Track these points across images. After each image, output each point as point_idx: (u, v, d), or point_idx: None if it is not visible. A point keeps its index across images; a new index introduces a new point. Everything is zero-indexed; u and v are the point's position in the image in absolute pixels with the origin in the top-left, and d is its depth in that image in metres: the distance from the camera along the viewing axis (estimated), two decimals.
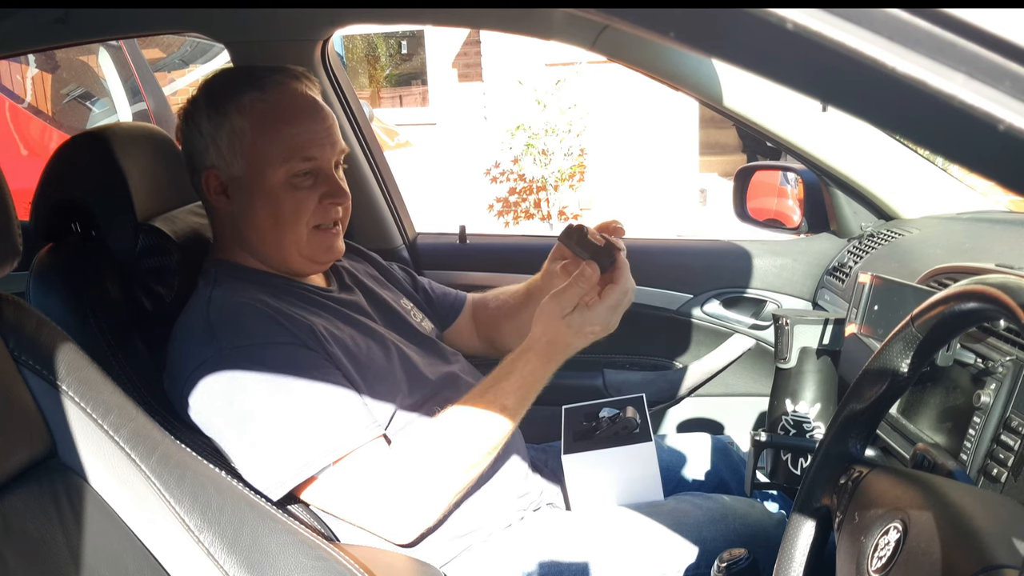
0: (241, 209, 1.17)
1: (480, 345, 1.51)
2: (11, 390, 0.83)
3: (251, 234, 1.18)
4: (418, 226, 2.02)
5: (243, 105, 1.14)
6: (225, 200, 1.17)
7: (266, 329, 1.07)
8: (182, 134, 1.20)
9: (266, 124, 1.14)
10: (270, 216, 1.16)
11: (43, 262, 1.15)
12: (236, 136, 1.14)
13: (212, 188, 1.17)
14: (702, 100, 1.60)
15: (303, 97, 1.17)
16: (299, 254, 1.18)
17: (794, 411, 1.29)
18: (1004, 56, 0.38)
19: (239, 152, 1.14)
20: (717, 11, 0.41)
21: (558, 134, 6.56)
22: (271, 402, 1.03)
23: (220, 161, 1.15)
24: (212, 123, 1.15)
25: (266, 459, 1.03)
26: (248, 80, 1.16)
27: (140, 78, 4.14)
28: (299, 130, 1.14)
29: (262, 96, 1.14)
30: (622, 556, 1.15)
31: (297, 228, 1.16)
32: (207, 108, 1.16)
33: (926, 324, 0.70)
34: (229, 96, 1.15)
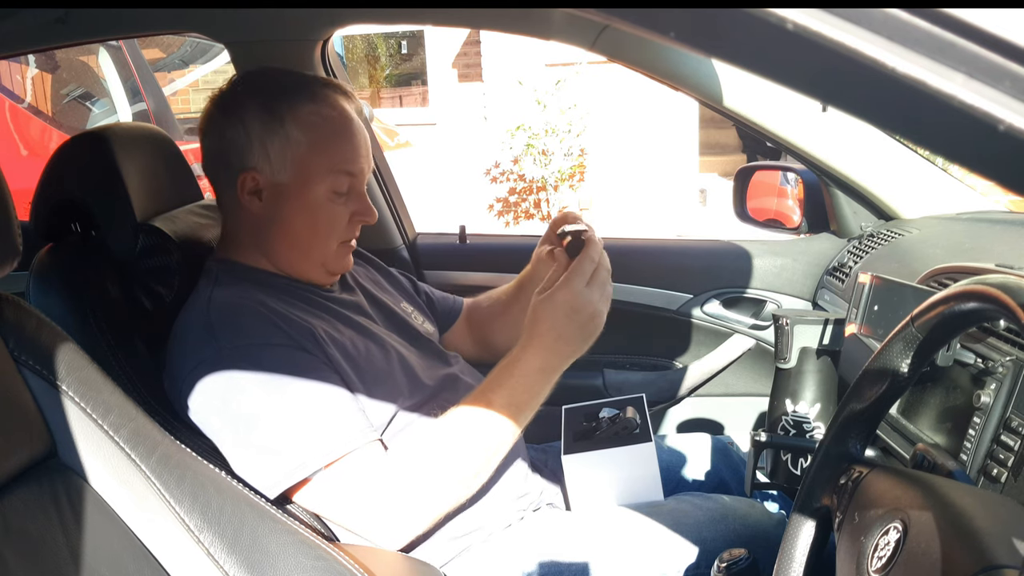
0: (274, 215, 1.17)
1: (474, 348, 1.51)
2: (11, 390, 0.83)
3: (279, 240, 1.18)
4: (418, 226, 2.02)
5: (300, 116, 1.15)
6: (258, 203, 1.16)
7: (265, 330, 1.07)
8: (216, 127, 1.18)
9: (320, 138, 1.15)
10: (307, 227, 1.17)
11: (43, 262, 1.15)
12: (289, 145, 1.14)
13: (246, 189, 1.16)
14: (702, 100, 1.60)
15: (350, 115, 1.19)
16: (321, 265, 1.21)
17: (794, 411, 1.29)
18: (1004, 56, 0.38)
19: (289, 161, 1.15)
20: (717, 11, 0.41)
21: (558, 134, 6.56)
22: (267, 403, 1.03)
23: (265, 165, 1.15)
24: (264, 127, 1.14)
25: (260, 460, 1.03)
26: (304, 90, 1.17)
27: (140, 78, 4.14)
28: (347, 147, 1.17)
29: (317, 109, 1.16)
30: (622, 556, 1.15)
31: (329, 241, 1.19)
32: (260, 111, 1.15)
33: (926, 324, 0.70)
34: (285, 104, 1.15)
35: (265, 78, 1.22)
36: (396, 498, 1.05)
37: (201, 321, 1.09)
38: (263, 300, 1.11)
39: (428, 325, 1.39)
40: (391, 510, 1.05)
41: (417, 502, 1.06)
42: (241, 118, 1.15)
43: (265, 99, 1.16)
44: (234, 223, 1.22)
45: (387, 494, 1.05)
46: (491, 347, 1.50)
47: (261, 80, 1.21)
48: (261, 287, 1.15)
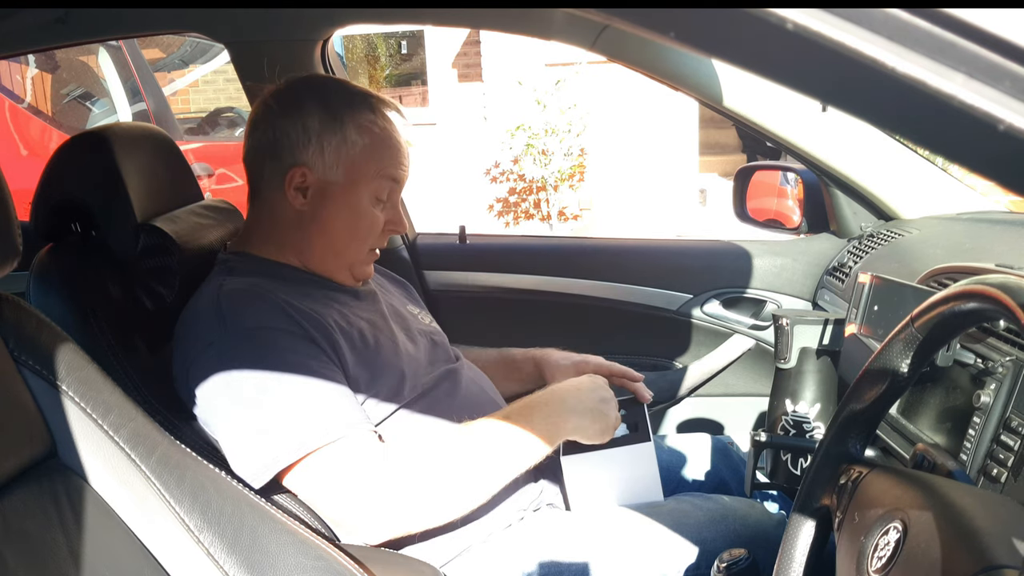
0: (316, 212, 1.19)
1: None
2: (11, 390, 0.83)
3: (316, 237, 1.21)
4: (418, 226, 2.02)
5: (361, 123, 1.19)
6: (301, 199, 1.19)
7: (274, 316, 1.09)
8: (272, 120, 1.20)
9: (374, 144, 1.20)
10: (347, 227, 1.20)
11: (43, 262, 1.15)
12: (347, 146, 1.18)
13: (294, 183, 1.18)
14: (702, 100, 1.60)
15: (402, 139, 1.25)
16: (349, 268, 1.23)
17: (794, 411, 1.29)
18: (1004, 56, 0.38)
19: (344, 161, 1.18)
20: (717, 11, 0.41)
21: (558, 134, 6.56)
22: (265, 387, 1.05)
23: (318, 162, 1.18)
24: (324, 126, 1.18)
25: (254, 441, 1.04)
26: (365, 99, 1.22)
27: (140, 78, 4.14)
28: (396, 158, 1.23)
29: (376, 119, 1.21)
30: (622, 556, 1.15)
31: (363, 245, 1.23)
32: (321, 111, 1.18)
33: (926, 324, 0.70)
34: (347, 108, 1.19)
35: (328, 83, 1.30)
36: (383, 492, 1.06)
37: (211, 306, 1.11)
38: (275, 289, 1.13)
39: (434, 324, 1.40)
40: (376, 503, 1.06)
41: (406, 501, 1.06)
42: (300, 113, 1.18)
43: (327, 101, 1.20)
44: (268, 217, 1.23)
45: (375, 487, 1.05)
46: None
47: (322, 84, 1.28)
48: (275, 279, 1.17)
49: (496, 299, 1.88)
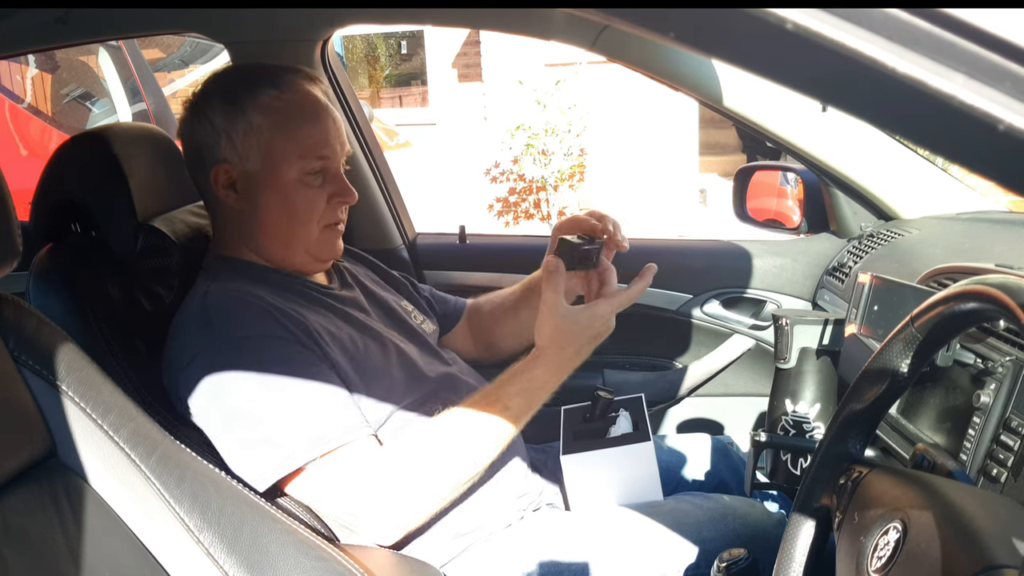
0: (251, 205, 1.17)
1: (476, 350, 1.51)
2: (11, 390, 0.83)
3: (259, 230, 1.18)
4: (418, 226, 2.02)
5: (261, 102, 1.14)
6: (234, 196, 1.17)
7: (262, 323, 1.07)
8: (188, 127, 1.19)
9: (283, 122, 1.15)
10: (283, 213, 1.17)
11: (43, 262, 1.15)
12: (253, 132, 1.14)
13: (221, 183, 1.16)
14: (702, 100, 1.60)
15: (316, 98, 1.18)
16: (306, 252, 1.20)
17: (794, 411, 1.29)
18: (1004, 56, 0.38)
19: (255, 147, 1.14)
20: (717, 11, 0.41)
21: (558, 134, 6.56)
22: (261, 395, 1.04)
23: (233, 156, 1.15)
24: (227, 118, 1.14)
25: (252, 451, 1.04)
26: (265, 77, 1.16)
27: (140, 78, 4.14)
28: (314, 129, 1.16)
29: (279, 94, 1.15)
30: (622, 556, 1.15)
31: (308, 226, 1.18)
32: (222, 103, 1.15)
33: (926, 324, 0.70)
34: (246, 92, 1.15)
35: (231, 72, 1.24)
36: (388, 492, 1.05)
37: (198, 314, 1.09)
38: (260, 294, 1.11)
39: (428, 324, 1.39)
40: (382, 504, 1.05)
41: (409, 497, 1.06)
42: (206, 113, 1.16)
43: (227, 90, 1.17)
44: (220, 221, 1.23)
45: (379, 488, 1.05)
46: (494, 349, 1.51)
47: (226, 75, 1.23)
48: (258, 282, 1.15)
49: None
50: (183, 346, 1.08)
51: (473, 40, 6.99)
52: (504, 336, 1.48)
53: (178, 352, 1.09)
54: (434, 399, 1.19)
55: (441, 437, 1.09)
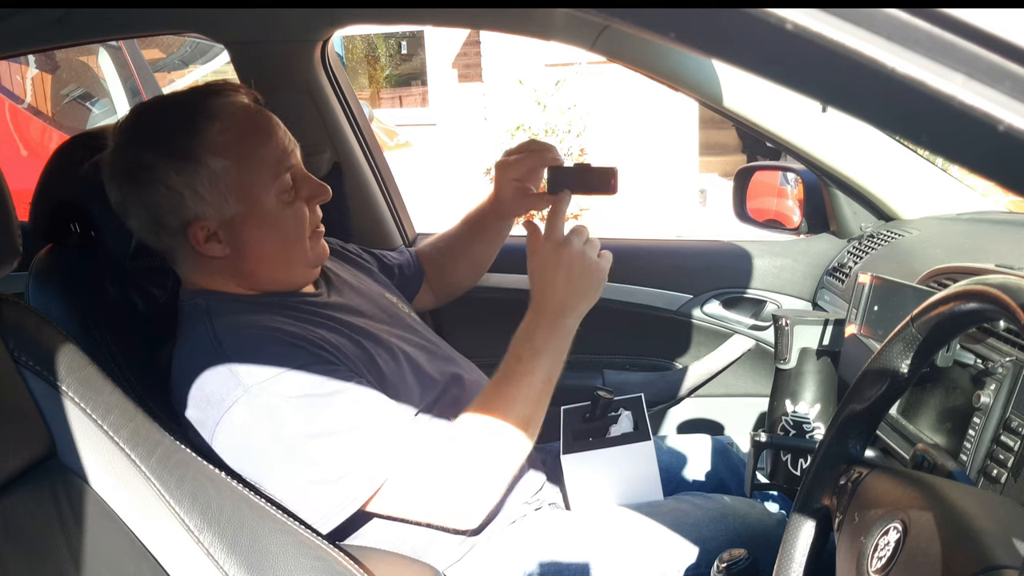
0: (241, 248, 1.10)
1: (436, 298, 1.55)
2: (11, 391, 0.83)
3: (255, 266, 1.12)
4: (418, 226, 2.02)
5: (210, 143, 1.05)
6: (219, 246, 1.09)
7: (285, 354, 1.03)
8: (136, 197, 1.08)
9: (243, 153, 1.07)
10: (277, 241, 1.12)
11: (42, 262, 1.15)
12: (218, 177, 1.05)
13: (201, 239, 1.08)
14: (702, 100, 1.60)
15: (254, 111, 1.11)
16: (305, 264, 1.17)
17: (794, 412, 1.29)
18: (1004, 57, 0.38)
19: (227, 192, 1.06)
20: (717, 11, 0.41)
21: (558, 134, 6.56)
22: (320, 426, 1.01)
23: (206, 209, 1.06)
24: (183, 174, 1.05)
25: (329, 482, 1.01)
26: (196, 113, 1.06)
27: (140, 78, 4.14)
28: (272, 143, 1.09)
29: (222, 125, 1.06)
30: (622, 556, 1.15)
31: (303, 241, 1.14)
32: (169, 161, 1.05)
33: (926, 324, 0.70)
34: (190, 138, 1.05)
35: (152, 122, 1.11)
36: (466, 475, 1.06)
37: (217, 363, 1.02)
38: (268, 324, 1.07)
39: (414, 315, 1.38)
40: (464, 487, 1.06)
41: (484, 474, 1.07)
42: (154, 177, 1.05)
43: (167, 146, 1.06)
44: (200, 269, 1.14)
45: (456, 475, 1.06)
46: (451, 290, 1.55)
47: (149, 126, 1.10)
48: (258, 311, 1.10)
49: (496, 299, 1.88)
50: (212, 397, 1.01)
51: (473, 40, 7.00)
52: (461, 274, 1.52)
53: (206, 407, 1.02)
54: (446, 398, 1.19)
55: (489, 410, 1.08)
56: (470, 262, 1.51)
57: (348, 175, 1.79)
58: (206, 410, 1.02)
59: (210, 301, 1.11)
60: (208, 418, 1.02)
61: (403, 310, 1.35)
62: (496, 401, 1.09)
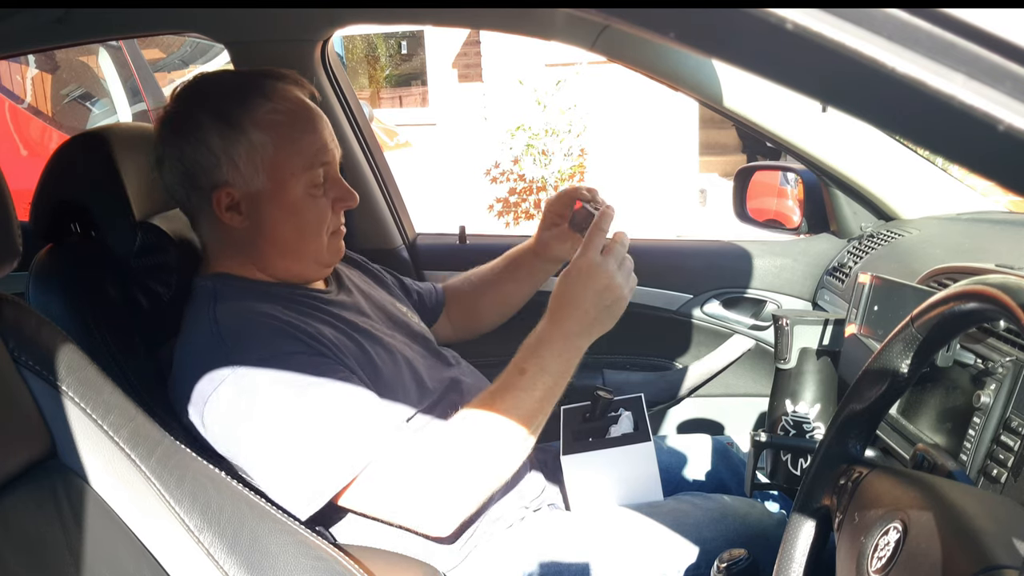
0: (258, 224, 1.13)
1: (455, 333, 1.53)
2: (11, 391, 0.83)
3: (269, 248, 1.15)
4: (418, 226, 2.02)
5: (258, 118, 1.10)
6: (238, 217, 1.13)
7: (279, 341, 1.05)
8: (174, 151, 1.13)
9: (284, 135, 1.11)
10: (294, 228, 1.14)
11: (43, 262, 1.15)
12: (256, 150, 1.10)
13: (223, 205, 1.12)
14: (702, 100, 1.60)
15: (307, 103, 1.16)
16: (317, 262, 1.19)
17: (794, 411, 1.29)
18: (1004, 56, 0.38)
19: (260, 166, 1.11)
20: (717, 11, 0.41)
21: (558, 134, 6.56)
22: (298, 414, 1.01)
23: (236, 178, 1.11)
24: (225, 139, 1.10)
25: (300, 471, 1.01)
26: (255, 89, 1.12)
27: (140, 78, 4.14)
28: (314, 137, 1.13)
29: (274, 106, 1.12)
30: (622, 556, 1.15)
31: (320, 237, 1.16)
32: (216, 123, 1.10)
33: (926, 324, 0.70)
34: (242, 110, 1.10)
35: (212, 87, 1.16)
36: (440, 481, 1.04)
37: (212, 341, 1.05)
38: (268, 311, 1.08)
39: (422, 325, 1.39)
40: (435, 494, 1.04)
41: (459, 481, 1.05)
42: (198, 135, 1.10)
43: (218, 109, 1.11)
44: (217, 241, 1.18)
45: (430, 479, 1.04)
46: (474, 327, 1.53)
47: (208, 90, 1.16)
48: (262, 299, 1.12)
49: None
50: (202, 376, 1.04)
51: (473, 40, 6.99)
52: (486, 312, 1.50)
53: (196, 384, 1.04)
54: (444, 403, 1.19)
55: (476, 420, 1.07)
56: (497, 300, 1.48)
57: (348, 175, 1.79)
58: (197, 389, 1.04)
59: (218, 285, 1.14)
60: (198, 397, 1.04)
61: (412, 319, 1.35)
62: (488, 412, 1.06)
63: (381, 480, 1.03)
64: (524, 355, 1.09)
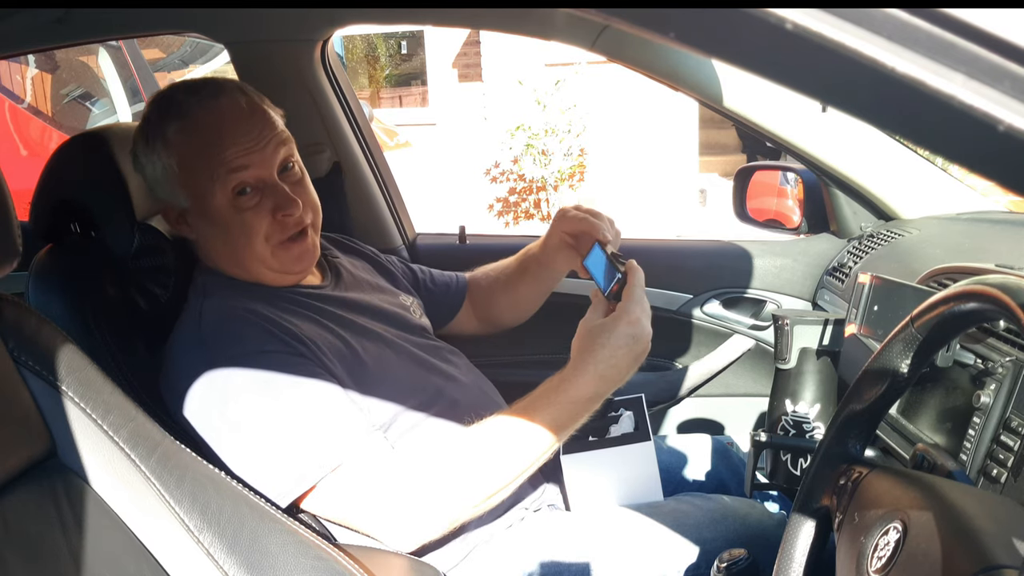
0: (200, 235, 1.18)
1: (479, 326, 1.53)
2: (11, 391, 0.83)
3: (217, 257, 1.19)
4: (418, 226, 2.02)
5: (168, 139, 1.12)
6: (187, 228, 1.18)
7: (257, 337, 1.06)
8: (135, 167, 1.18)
9: (190, 152, 1.11)
10: (223, 242, 1.15)
11: (43, 262, 1.15)
12: (168, 170, 1.13)
13: (172, 220, 1.18)
14: (702, 100, 1.60)
15: (229, 111, 1.11)
16: (268, 269, 1.17)
17: (794, 411, 1.29)
18: (1004, 56, 0.38)
19: (176, 184, 1.14)
20: (717, 11, 0.41)
21: (558, 134, 6.57)
22: (264, 411, 1.02)
23: (168, 195, 1.16)
24: (149, 161, 1.14)
25: (264, 470, 1.02)
26: (173, 108, 1.12)
27: (140, 78, 4.14)
28: (223, 144, 1.09)
29: (183, 124, 1.11)
30: (622, 556, 1.15)
31: (254, 248, 1.13)
32: (144, 146, 1.14)
33: (926, 324, 0.70)
34: (156, 132, 1.13)
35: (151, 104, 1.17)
36: (401, 499, 1.03)
37: (193, 334, 1.08)
38: (252, 308, 1.09)
39: (425, 319, 1.39)
40: (400, 509, 1.03)
41: (432, 504, 1.03)
42: (138, 156, 1.16)
43: (144, 130, 1.15)
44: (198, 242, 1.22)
45: (395, 493, 1.03)
46: (493, 323, 1.53)
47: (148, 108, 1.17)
48: (247, 295, 1.13)
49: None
50: (181, 368, 1.06)
51: (473, 40, 6.99)
52: (503, 311, 1.50)
53: (177, 375, 1.07)
54: (441, 398, 1.18)
55: (480, 443, 1.05)
56: (511, 298, 1.47)
57: (348, 175, 1.79)
58: (177, 378, 1.06)
59: (208, 281, 1.17)
60: (177, 384, 1.06)
61: (413, 314, 1.35)
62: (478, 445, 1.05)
63: (345, 488, 1.02)
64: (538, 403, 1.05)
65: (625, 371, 1.04)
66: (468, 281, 1.52)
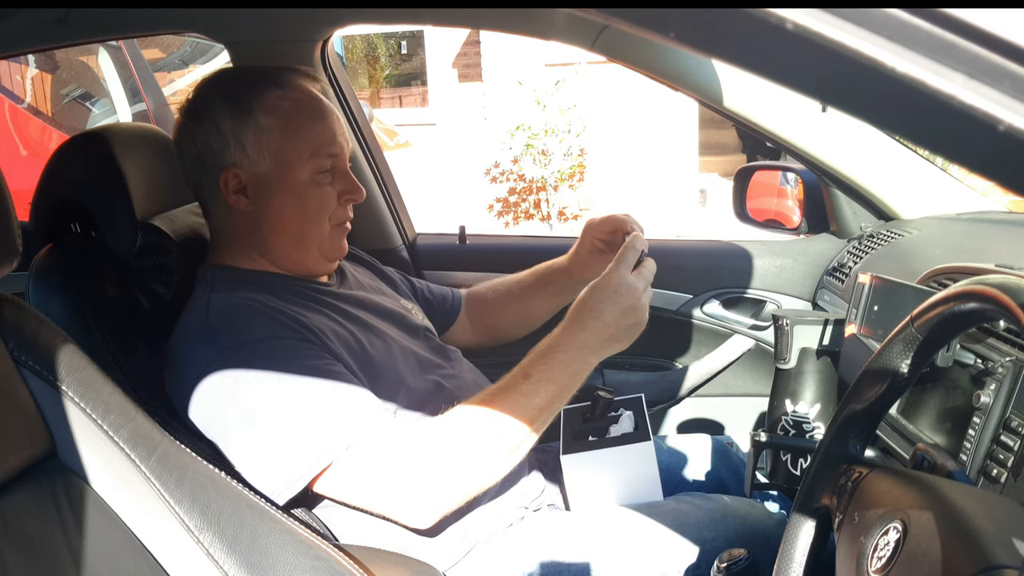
0: (263, 208, 1.16)
1: (476, 338, 1.53)
2: (11, 391, 0.83)
3: (271, 232, 1.18)
4: (418, 226, 2.02)
5: (268, 103, 1.14)
6: (244, 200, 1.16)
7: (267, 325, 1.06)
8: (187, 133, 1.18)
9: (292, 122, 1.15)
10: (297, 213, 1.17)
11: (43, 262, 1.15)
12: (263, 134, 1.14)
13: (231, 187, 1.16)
14: (702, 100, 1.60)
15: (317, 95, 1.19)
16: (319, 251, 1.20)
17: (794, 411, 1.29)
18: (1004, 56, 0.38)
19: (266, 150, 1.14)
20: (717, 11, 0.41)
21: (558, 134, 6.57)
22: (278, 396, 1.02)
23: (243, 160, 1.15)
24: (235, 121, 1.14)
25: (279, 454, 1.02)
26: (266, 78, 1.17)
27: (140, 78, 4.14)
28: (322, 127, 1.17)
29: (284, 94, 1.16)
30: (622, 556, 1.15)
31: (321, 225, 1.19)
32: (228, 106, 1.15)
33: (926, 324, 0.70)
34: (252, 93, 1.15)
35: (229, 75, 1.24)
36: (422, 472, 1.03)
37: (202, 325, 1.08)
38: (260, 299, 1.10)
39: (427, 322, 1.39)
40: (417, 485, 1.03)
41: (446, 476, 1.04)
42: (210, 118, 1.15)
43: (230, 94, 1.16)
44: (226, 227, 1.20)
45: (411, 469, 1.03)
46: (497, 336, 1.53)
47: (227, 78, 1.23)
48: (258, 288, 1.14)
49: None
50: (191, 360, 1.06)
51: (473, 40, 7.00)
52: (510, 323, 1.49)
53: (184, 367, 1.06)
54: (439, 396, 1.19)
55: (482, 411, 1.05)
56: (519, 313, 1.48)
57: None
58: (185, 370, 1.06)
59: (217, 274, 1.17)
60: (185, 376, 1.05)
61: (415, 316, 1.35)
62: (482, 410, 1.05)
63: (360, 466, 1.02)
64: (532, 360, 1.07)
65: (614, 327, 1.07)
66: (465, 296, 1.53)
